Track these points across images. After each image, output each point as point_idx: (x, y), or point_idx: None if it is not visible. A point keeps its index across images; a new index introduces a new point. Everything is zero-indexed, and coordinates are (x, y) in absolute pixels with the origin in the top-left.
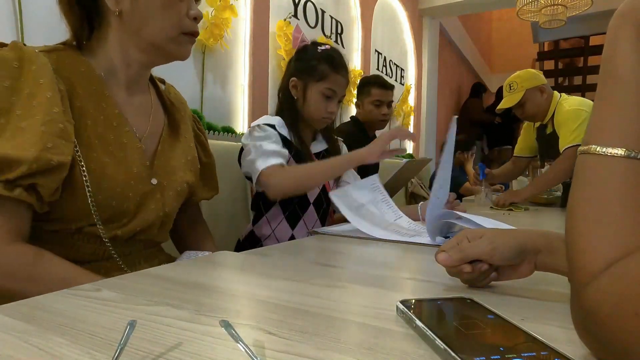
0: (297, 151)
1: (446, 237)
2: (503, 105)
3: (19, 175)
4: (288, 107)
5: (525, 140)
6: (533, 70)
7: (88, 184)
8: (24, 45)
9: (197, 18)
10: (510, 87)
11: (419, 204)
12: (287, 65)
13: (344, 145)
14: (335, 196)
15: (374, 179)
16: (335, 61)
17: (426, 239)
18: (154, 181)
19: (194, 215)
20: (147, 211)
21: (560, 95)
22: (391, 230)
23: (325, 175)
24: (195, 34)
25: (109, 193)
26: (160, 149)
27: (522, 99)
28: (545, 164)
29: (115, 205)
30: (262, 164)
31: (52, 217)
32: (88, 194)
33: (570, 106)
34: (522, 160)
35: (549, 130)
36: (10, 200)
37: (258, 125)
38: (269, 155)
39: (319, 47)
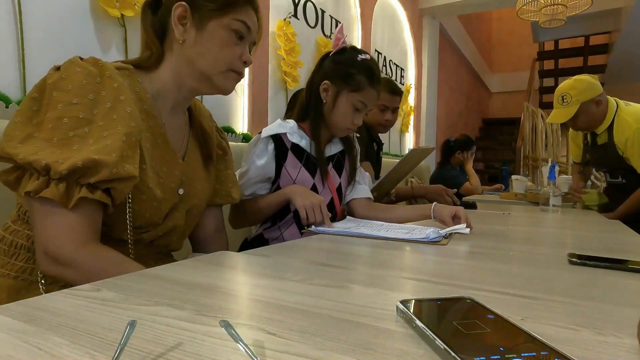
0: (308, 158)
1: (446, 237)
2: (555, 119)
3: (101, 179)
4: (314, 109)
5: (579, 145)
6: (589, 78)
7: (130, 194)
8: (102, 61)
9: (246, 62)
10: (563, 99)
11: (433, 204)
12: (319, 64)
13: (358, 145)
14: (319, 229)
15: (349, 218)
16: (374, 75)
17: (421, 236)
18: (181, 191)
19: (214, 225)
20: (172, 219)
21: (617, 105)
22: (385, 230)
23: (264, 214)
24: (240, 74)
25: (146, 205)
26: (186, 159)
27: (575, 113)
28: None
29: (149, 217)
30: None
31: None
32: (128, 204)
33: (637, 122)
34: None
35: (601, 140)
36: (90, 201)
37: (261, 137)
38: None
39: (358, 55)
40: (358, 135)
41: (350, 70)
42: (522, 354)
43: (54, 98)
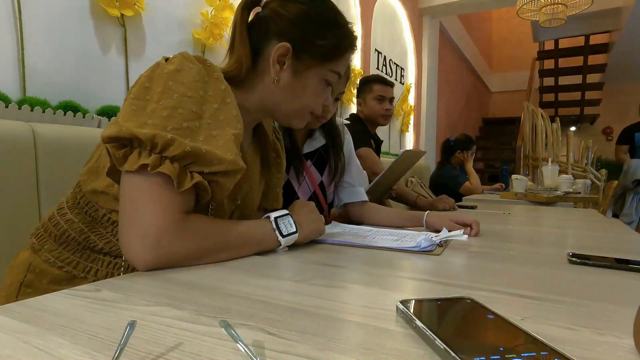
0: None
1: (440, 245)
2: None
3: (215, 171)
4: None
5: None
6: None
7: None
8: (209, 61)
9: (327, 107)
10: None
11: (426, 213)
12: None
13: (349, 135)
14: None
15: (334, 224)
16: None
17: (411, 244)
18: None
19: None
20: None
21: None
22: (371, 237)
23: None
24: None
25: (215, 205)
26: (247, 163)
27: None
28: None
29: (213, 215)
30: None
31: None
32: (210, 207)
33: None
34: None
35: None
36: (192, 191)
37: None
38: None
39: None
40: (349, 122)
41: None
42: (522, 354)
43: (170, 87)
